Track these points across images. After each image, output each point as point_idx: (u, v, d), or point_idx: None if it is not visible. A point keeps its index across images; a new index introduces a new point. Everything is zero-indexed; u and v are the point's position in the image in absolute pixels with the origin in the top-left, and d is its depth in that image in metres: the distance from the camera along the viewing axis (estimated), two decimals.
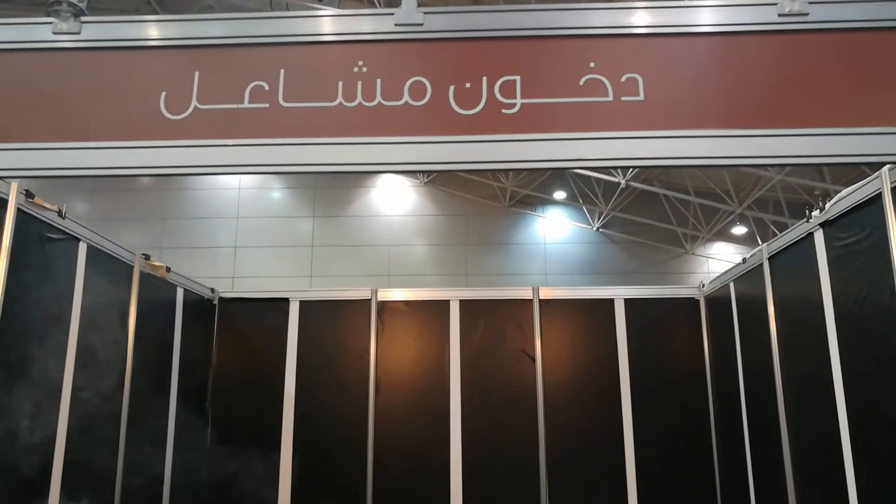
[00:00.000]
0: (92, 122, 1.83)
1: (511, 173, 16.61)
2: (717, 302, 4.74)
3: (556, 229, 17.72)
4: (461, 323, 4.98)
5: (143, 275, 4.20)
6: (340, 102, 1.78)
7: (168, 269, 4.47)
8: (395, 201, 18.06)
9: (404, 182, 18.16)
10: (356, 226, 17.71)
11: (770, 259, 3.86)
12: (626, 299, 4.97)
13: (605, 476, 4.75)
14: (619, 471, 4.74)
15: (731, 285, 4.47)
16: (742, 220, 15.98)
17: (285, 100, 1.79)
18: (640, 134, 1.71)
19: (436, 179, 17.89)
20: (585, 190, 16.98)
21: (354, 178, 18.11)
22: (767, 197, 14.86)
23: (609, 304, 4.96)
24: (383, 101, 1.76)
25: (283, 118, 1.78)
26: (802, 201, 14.20)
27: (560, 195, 17.44)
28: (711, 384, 4.85)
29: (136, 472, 3.98)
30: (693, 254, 17.21)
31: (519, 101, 1.75)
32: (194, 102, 1.81)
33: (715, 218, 16.22)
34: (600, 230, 17.60)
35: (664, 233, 17.09)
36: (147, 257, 4.22)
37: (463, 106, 1.75)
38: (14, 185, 3.07)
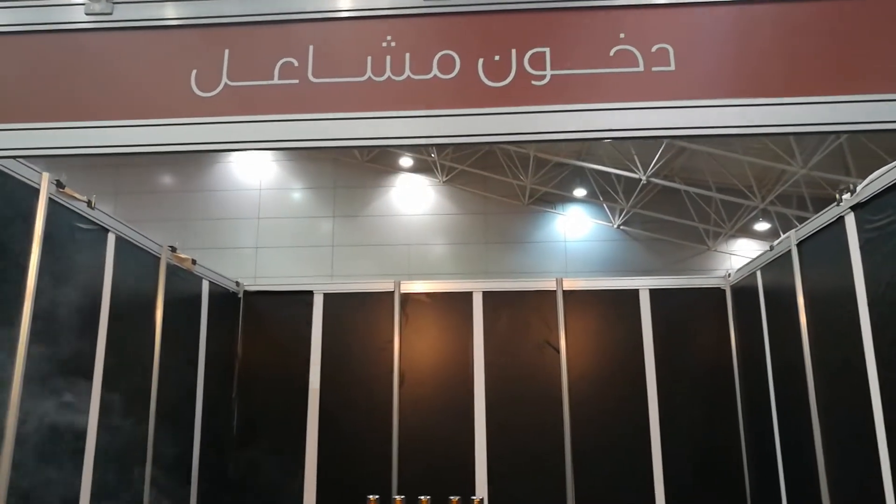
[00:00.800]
0: (125, 102, 1.85)
1: (531, 169, 16.57)
2: (744, 291, 4.68)
3: (576, 227, 17.63)
4: (484, 314, 4.97)
5: (169, 267, 4.24)
6: (369, 77, 1.78)
7: (194, 262, 4.51)
8: (414, 200, 18.08)
9: (423, 181, 18.18)
10: (376, 225, 17.76)
11: (799, 245, 3.80)
12: (651, 290, 4.93)
13: (631, 467, 4.71)
14: (646, 462, 4.69)
15: (758, 274, 4.41)
16: (765, 215, 15.80)
17: (314, 76, 1.80)
18: (672, 104, 1.69)
19: (455, 178, 17.90)
20: (606, 187, 16.89)
21: (373, 178, 18.18)
22: (791, 192, 14.66)
23: (634, 294, 4.92)
24: (412, 76, 1.76)
25: (312, 94, 1.79)
26: (827, 196, 13.98)
27: (580, 192, 17.35)
28: (739, 376, 4.78)
29: (164, 461, 4.01)
30: (715, 250, 17.03)
31: (549, 72, 1.74)
32: (225, 80, 1.82)
33: (737, 214, 16.04)
34: (621, 227, 17.49)
35: (686, 229, 16.94)
36: (173, 249, 4.27)
37: (492, 78, 1.75)
38: (45, 175, 3.11)
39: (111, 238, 3.66)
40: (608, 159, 15.99)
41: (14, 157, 1.86)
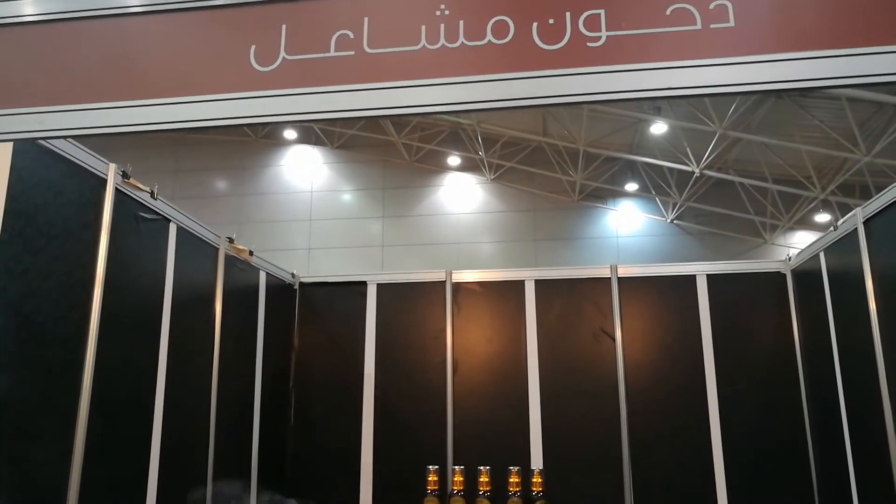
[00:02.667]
0: (186, 80, 1.91)
1: (580, 164, 16.40)
2: (807, 275, 4.53)
3: (628, 222, 17.39)
4: (537, 303, 4.94)
5: (227, 258, 4.36)
6: (423, 46, 1.79)
7: (251, 253, 4.61)
8: (462, 199, 18.12)
9: (471, 179, 18.21)
10: (425, 224, 17.87)
11: (866, 223, 3.66)
12: (708, 275, 4.81)
13: (690, 456, 4.60)
14: (706, 451, 4.58)
15: (822, 256, 4.26)
16: (825, 206, 15.28)
17: (370, 46, 1.82)
18: (732, 60, 1.66)
19: (503, 176, 17.85)
20: (658, 180, 16.61)
21: (421, 178, 18.27)
22: (853, 181, 14.16)
23: (690, 280, 4.82)
24: (466, 42, 1.77)
25: (368, 64, 1.81)
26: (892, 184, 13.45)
27: (632, 187, 17.11)
28: (802, 363, 4.63)
29: (226, 449, 4.11)
30: (773, 244, 16.56)
31: (604, 34, 1.72)
32: (282, 54, 1.86)
33: (796, 205, 15.57)
34: (674, 222, 17.18)
35: (741, 222, 16.54)
36: (231, 240, 4.37)
37: (547, 41, 1.74)
38: (112, 165, 3.24)
39: (173, 228, 3.77)
40: (659, 152, 15.72)
41: (88, 135, 1.93)
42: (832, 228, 4.05)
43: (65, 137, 2.00)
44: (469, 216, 17.88)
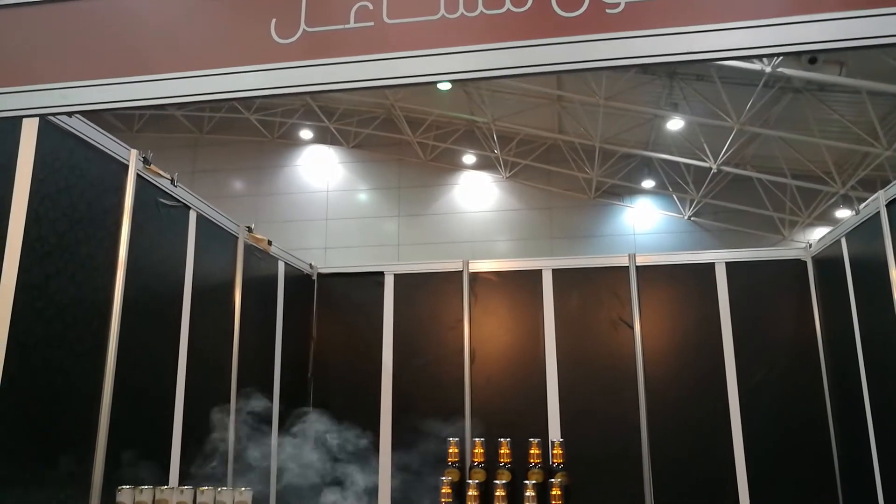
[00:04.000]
0: (210, 53, 1.93)
1: (596, 161, 16.33)
2: (828, 262, 4.48)
3: (645, 219, 17.28)
4: (554, 292, 4.93)
5: (246, 247, 4.39)
6: (443, 15, 1.80)
7: (270, 243, 4.64)
8: (477, 197, 18.11)
9: (486, 178, 18.19)
10: (440, 223, 17.87)
11: (889, 206, 3.61)
12: (727, 263, 4.78)
13: (710, 446, 4.57)
14: (726, 441, 4.54)
15: (843, 241, 4.21)
16: (846, 201, 15.08)
17: (389, 17, 1.83)
18: (752, 23, 1.65)
19: (518, 174, 17.82)
20: (675, 177, 16.50)
21: (437, 176, 18.28)
22: (874, 176, 13.96)
23: (709, 268, 4.78)
24: (485, 10, 1.78)
25: (387, 34, 1.82)
26: None
27: (648, 184, 17.00)
28: (824, 351, 4.57)
29: (245, 439, 4.13)
30: (791, 240, 16.38)
31: (623, 0, 1.72)
32: (303, 26, 1.87)
33: (815, 201, 15.39)
34: (692, 218, 17.05)
35: (760, 219, 16.37)
36: (250, 229, 4.41)
37: (566, 9, 1.74)
38: (134, 151, 3.28)
39: (193, 215, 3.81)
40: (676, 148, 15.62)
41: (113, 110, 1.96)
42: (854, 212, 4.01)
43: (89, 112, 2.03)
44: (485, 214, 17.86)
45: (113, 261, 3.08)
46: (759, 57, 1.85)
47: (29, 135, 2.66)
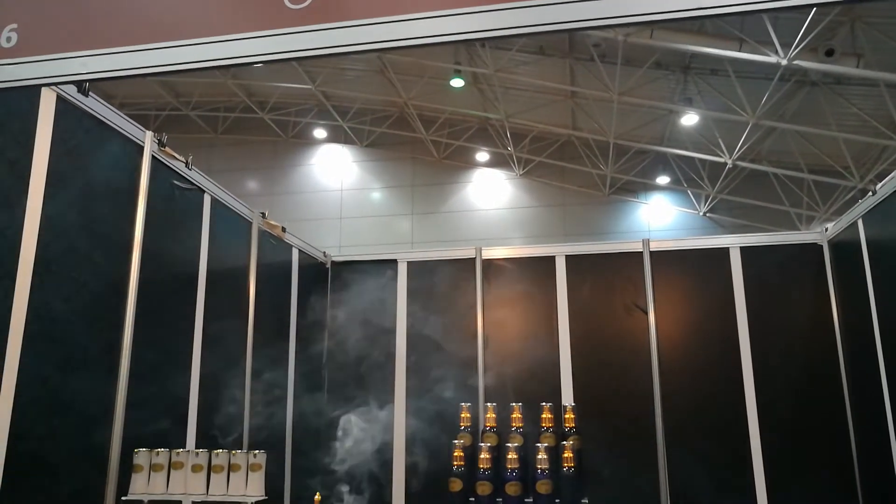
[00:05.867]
0: (223, 19, 1.95)
1: (611, 157, 16.25)
2: (844, 245, 4.44)
3: (660, 215, 17.17)
4: (568, 278, 4.91)
5: (260, 233, 4.42)
6: None
7: (283, 229, 4.67)
8: (491, 195, 18.09)
9: (500, 175, 18.17)
10: (454, 221, 17.87)
11: None
12: (741, 248, 4.74)
13: (725, 431, 4.53)
14: (741, 427, 4.50)
15: (860, 223, 4.16)
16: (864, 196, 14.93)
17: None
18: None
19: (532, 171, 17.79)
20: (690, 173, 16.39)
21: (450, 174, 18.29)
22: (893, 169, 13.81)
23: (724, 253, 4.75)
24: None
25: None
26: None
27: (663, 180, 16.90)
28: (841, 336, 4.52)
29: (260, 425, 4.16)
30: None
31: None
32: None
33: (833, 196, 15.22)
34: (707, 214, 16.92)
35: (776, 214, 16.21)
36: (264, 215, 4.44)
37: None
38: (149, 133, 3.31)
39: (207, 199, 3.84)
40: (691, 144, 15.52)
41: (131, 76, 1.99)
42: (871, 193, 3.96)
43: (108, 79, 2.05)
44: (498, 212, 17.85)
45: (129, 240, 3.11)
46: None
47: (46, 113, 2.70)
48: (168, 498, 2.39)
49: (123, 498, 2.45)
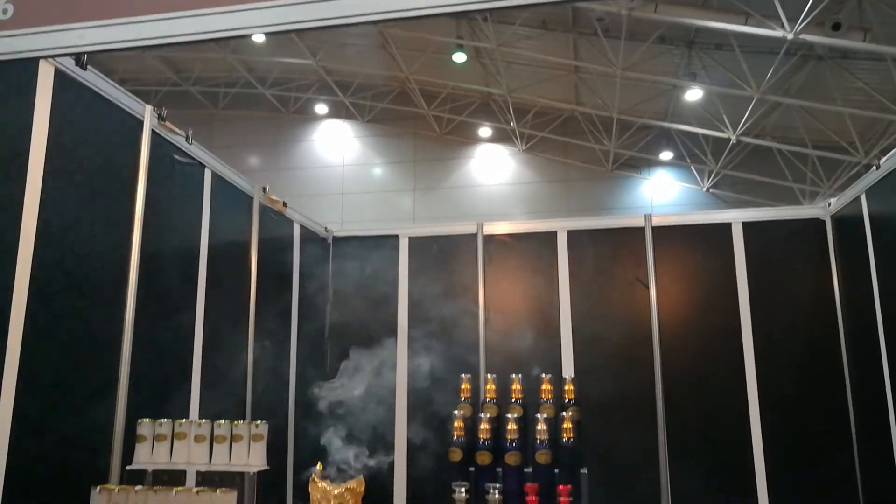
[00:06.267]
0: None
1: (614, 133, 16.17)
2: (847, 220, 4.42)
3: (663, 191, 17.12)
4: (570, 253, 4.91)
5: (261, 208, 4.41)
6: None
7: (284, 204, 4.67)
8: (493, 171, 18.04)
9: (502, 151, 18.10)
10: (455, 197, 17.85)
11: None
12: (744, 223, 4.73)
13: (725, 407, 4.56)
14: (741, 403, 4.52)
15: (863, 198, 4.14)
16: (868, 171, 14.86)
17: None
18: None
19: (535, 146, 17.71)
20: (693, 149, 16.32)
21: (452, 150, 18.23)
22: None
23: (726, 228, 4.74)
24: None
25: None
26: None
27: (666, 155, 16.83)
28: (842, 313, 4.52)
29: (263, 396, 4.19)
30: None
31: None
32: None
33: (837, 172, 15.15)
34: (710, 190, 16.87)
35: (779, 190, 16.15)
36: (265, 190, 4.43)
37: None
38: (149, 107, 3.30)
39: (208, 174, 3.83)
40: (695, 119, 15.42)
41: (125, 49, 1.97)
42: (874, 168, 3.94)
43: (105, 52, 2.03)
44: (501, 187, 17.80)
45: (130, 215, 3.11)
46: None
47: (45, 87, 2.69)
48: (171, 468, 2.42)
49: (128, 467, 2.48)
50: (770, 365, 4.56)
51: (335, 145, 19.03)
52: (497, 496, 2.56)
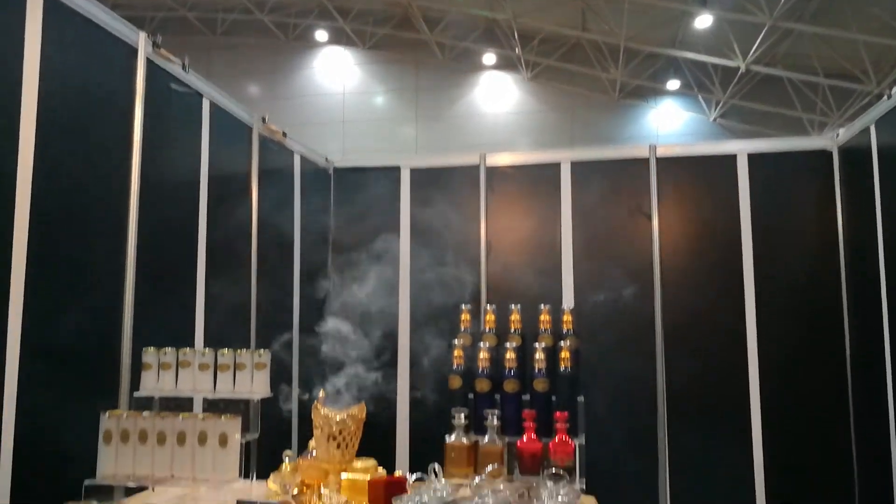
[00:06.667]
0: None
1: (621, 61, 15.80)
2: (855, 152, 4.35)
3: (669, 121, 16.86)
4: (573, 184, 4.88)
5: (261, 138, 4.36)
6: None
7: (284, 134, 4.61)
8: (498, 99, 17.73)
9: (507, 78, 17.75)
10: (459, 126, 17.60)
11: None
12: (749, 154, 4.67)
13: (724, 341, 4.61)
14: (740, 337, 4.57)
15: (872, 129, 4.05)
16: (880, 101, 14.56)
17: None
18: None
19: (540, 74, 17.35)
20: (701, 77, 15.97)
21: (456, 77, 17.88)
22: None
23: (731, 160, 4.68)
24: None
25: None
26: None
27: (673, 84, 16.49)
28: (844, 249, 4.49)
29: (266, 327, 4.24)
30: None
31: None
32: None
33: (848, 101, 14.85)
34: (717, 121, 16.61)
35: (788, 121, 15.87)
36: (264, 119, 4.36)
37: None
38: (142, 34, 3.21)
39: (206, 104, 3.77)
40: (704, 47, 15.02)
41: None
42: (886, 97, 3.85)
43: None
44: (505, 116, 17.52)
45: (127, 144, 3.08)
46: None
47: (35, 13, 2.61)
48: (178, 395, 2.48)
49: (135, 394, 2.55)
50: (769, 297, 4.59)
51: (336, 73, 18.65)
52: (495, 422, 2.66)
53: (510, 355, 2.91)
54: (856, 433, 4.34)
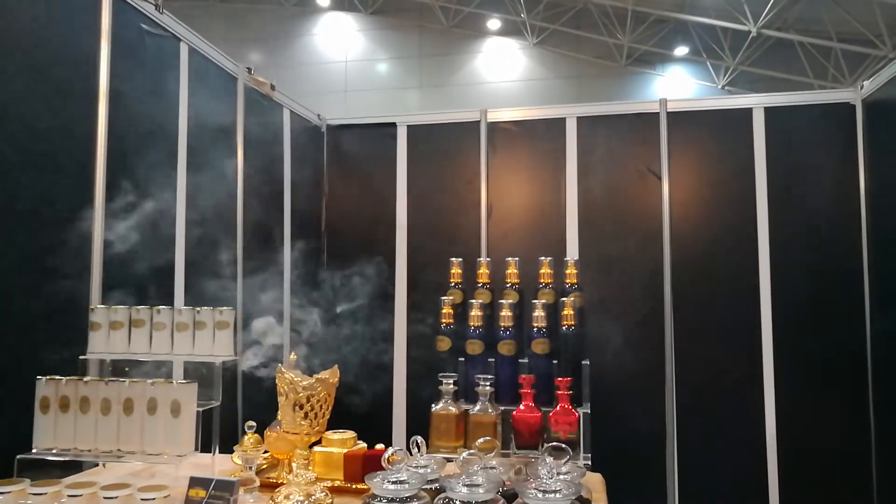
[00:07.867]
0: None
1: (628, 26, 15.37)
2: (881, 105, 4.07)
3: (677, 88, 16.45)
4: (579, 142, 4.61)
5: (247, 90, 4.10)
6: None
7: (273, 87, 4.35)
8: (503, 66, 17.33)
9: (512, 44, 17.33)
10: (463, 93, 17.24)
11: None
12: (766, 108, 4.38)
13: (737, 303, 4.37)
14: (754, 300, 4.34)
15: None
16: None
17: None
18: None
19: (546, 40, 16.93)
20: (711, 43, 15.53)
21: (459, 43, 17.48)
22: None
23: (747, 114, 4.40)
24: None
25: None
26: None
27: (682, 51, 16.06)
28: (866, 208, 4.23)
29: (254, 292, 4.03)
30: None
31: None
32: None
33: (861, 66, 14.42)
34: (726, 88, 16.18)
35: (799, 87, 15.43)
36: (250, 70, 4.10)
37: None
38: None
39: (184, 49, 3.50)
40: (714, 11, 14.57)
41: None
42: None
43: None
44: (510, 84, 17.12)
45: (93, 89, 2.83)
46: None
47: None
48: (130, 357, 2.24)
49: (81, 357, 2.30)
50: (785, 259, 4.34)
51: (338, 39, 18.25)
52: (488, 388, 2.37)
53: (506, 313, 2.62)
54: (874, 398, 4.12)
